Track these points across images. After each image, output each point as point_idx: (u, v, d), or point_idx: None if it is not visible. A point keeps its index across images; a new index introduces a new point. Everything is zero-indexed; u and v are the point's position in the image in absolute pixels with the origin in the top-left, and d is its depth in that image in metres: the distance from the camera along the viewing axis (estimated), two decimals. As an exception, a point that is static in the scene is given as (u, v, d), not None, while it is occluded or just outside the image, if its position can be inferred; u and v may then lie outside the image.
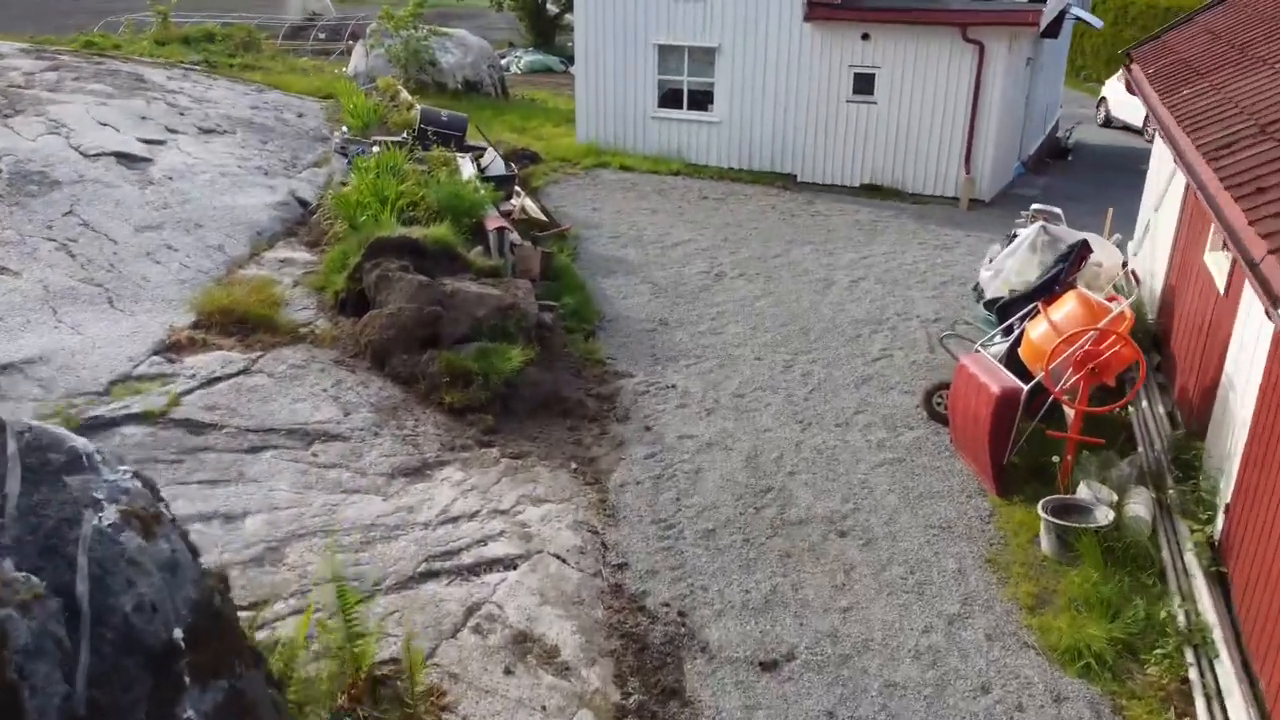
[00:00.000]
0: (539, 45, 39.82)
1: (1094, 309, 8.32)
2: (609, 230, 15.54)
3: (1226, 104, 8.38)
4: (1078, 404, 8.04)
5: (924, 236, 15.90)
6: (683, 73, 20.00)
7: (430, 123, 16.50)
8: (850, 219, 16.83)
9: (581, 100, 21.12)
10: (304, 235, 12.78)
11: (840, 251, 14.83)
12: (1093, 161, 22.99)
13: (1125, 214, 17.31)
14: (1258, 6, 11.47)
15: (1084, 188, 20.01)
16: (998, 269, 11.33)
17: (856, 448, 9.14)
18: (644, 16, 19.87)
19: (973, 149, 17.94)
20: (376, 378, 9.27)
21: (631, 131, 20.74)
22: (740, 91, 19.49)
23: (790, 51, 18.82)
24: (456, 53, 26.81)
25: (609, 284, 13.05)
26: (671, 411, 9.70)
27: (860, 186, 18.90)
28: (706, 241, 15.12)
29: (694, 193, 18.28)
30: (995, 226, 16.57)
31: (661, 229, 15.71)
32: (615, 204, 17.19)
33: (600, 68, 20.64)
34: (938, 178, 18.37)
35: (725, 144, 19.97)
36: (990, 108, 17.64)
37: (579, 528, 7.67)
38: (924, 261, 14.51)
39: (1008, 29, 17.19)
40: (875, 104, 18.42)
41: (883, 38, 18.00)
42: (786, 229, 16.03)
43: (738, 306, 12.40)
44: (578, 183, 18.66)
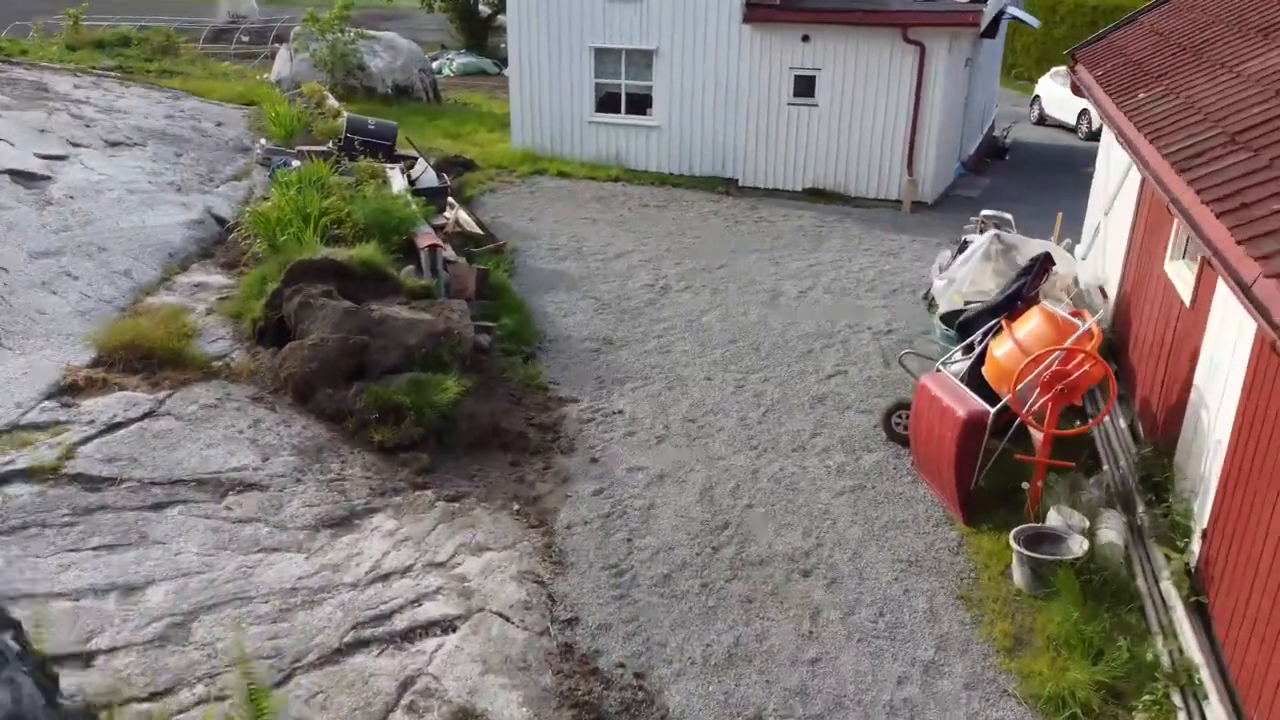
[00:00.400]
0: (471, 47, 38.90)
1: (1060, 326, 7.90)
2: (548, 242, 14.86)
3: (1188, 109, 8.02)
4: (1046, 426, 7.61)
5: (869, 242, 15.50)
6: (620, 76, 19.38)
7: (357, 132, 15.65)
8: (795, 225, 16.37)
9: (516, 105, 20.39)
10: (221, 256, 11.90)
11: (787, 260, 14.35)
12: (1030, 160, 22.92)
13: (1068, 215, 17.16)
14: (1203, 7, 11.22)
15: (1024, 188, 19.85)
16: (951, 278, 10.93)
17: (815, 475, 8.61)
18: (579, 19, 19.20)
19: (915, 151, 17.62)
20: (299, 415, 8.50)
21: (569, 137, 20.07)
22: (679, 95, 18.93)
23: (730, 54, 18.32)
24: (386, 56, 25.87)
25: (549, 301, 12.37)
26: (619, 440, 9.08)
27: (803, 191, 18.47)
28: (650, 252, 14.53)
29: (635, 200, 17.68)
30: (940, 230, 16.26)
31: (603, 239, 15.08)
32: (554, 213, 16.51)
33: (535, 72, 19.92)
34: (880, 181, 18.03)
35: (665, 149, 19.40)
36: (932, 109, 17.33)
37: (523, 579, 7.01)
38: (871, 269, 14.09)
39: (948, 29, 16.88)
40: (816, 106, 18.00)
41: (823, 39, 17.59)
42: (731, 237, 15.51)
43: (685, 322, 11.83)
44: (514, 191, 17.93)
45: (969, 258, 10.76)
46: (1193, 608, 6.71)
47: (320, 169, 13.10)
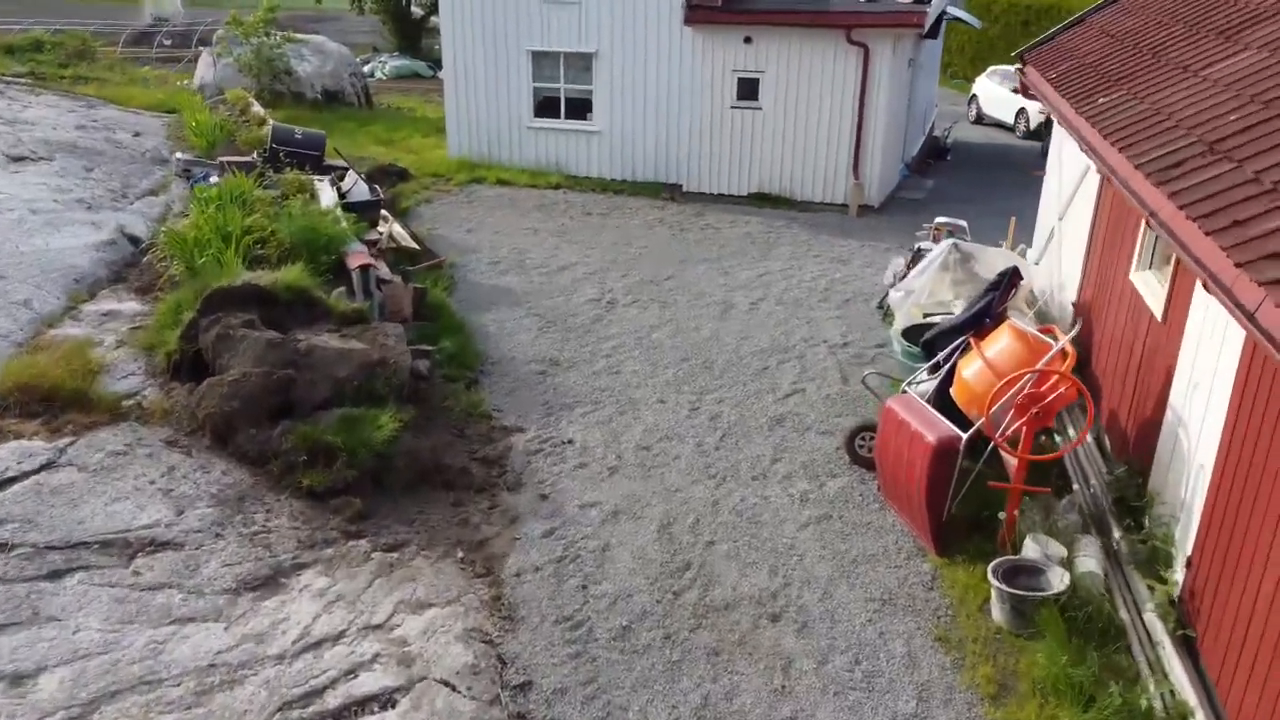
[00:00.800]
0: (405, 50, 37.85)
1: (1031, 345, 7.48)
2: (488, 255, 14.17)
3: (1157, 115, 7.65)
4: (1021, 452, 7.19)
5: (818, 249, 15.08)
6: (559, 80, 18.73)
7: (283, 142, 14.77)
8: (742, 231, 15.89)
9: (452, 111, 19.61)
10: (134, 280, 11.00)
11: (736, 269, 13.85)
12: (971, 160, 22.78)
13: (1008, 213, 16.89)
14: (1154, 8, 10.96)
15: (969, 188, 19.65)
16: (908, 289, 10.52)
17: (778, 505, 8.10)
18: (515, 21, 18.50)
19: (860, 154, 17.26)
20: (218, 460, 7.73)
21: (507, 143, 19.35)
22: (620, 99, 18.34)
23: (671, 56, 17.78)
24: (314, 60, 24.86)
25: (491, 320, 11.70)
26: (570, 473, 8.47)
27: (749, 196, 18.02)
28: (595, 263, 13.92)
29: (577, 208, 17.05)
30: (888, 234, 15.91)
31: (545, 251, 14.42)
32: (494, 224, 15.81)
33: (470, 76, 19.17)
34: (826, 184, 17.65)
35: (607, 154, 18.79)
36: (877, 112, 16.98)
37: (470, 639, 6.37)
38: (823, 277, 13.65)
39: (892, 30, 16.54)
40: (760, 109, 17.55)
41: (765, 41, 17.14)
42: (678, 246, 14.97)
43: (634, 339, 11.25)
44: (452, 201, 17.18)
45: (926, 268, 10.35)
46: (1180, 642, 6.33)
47: (243, 183, 12.25)
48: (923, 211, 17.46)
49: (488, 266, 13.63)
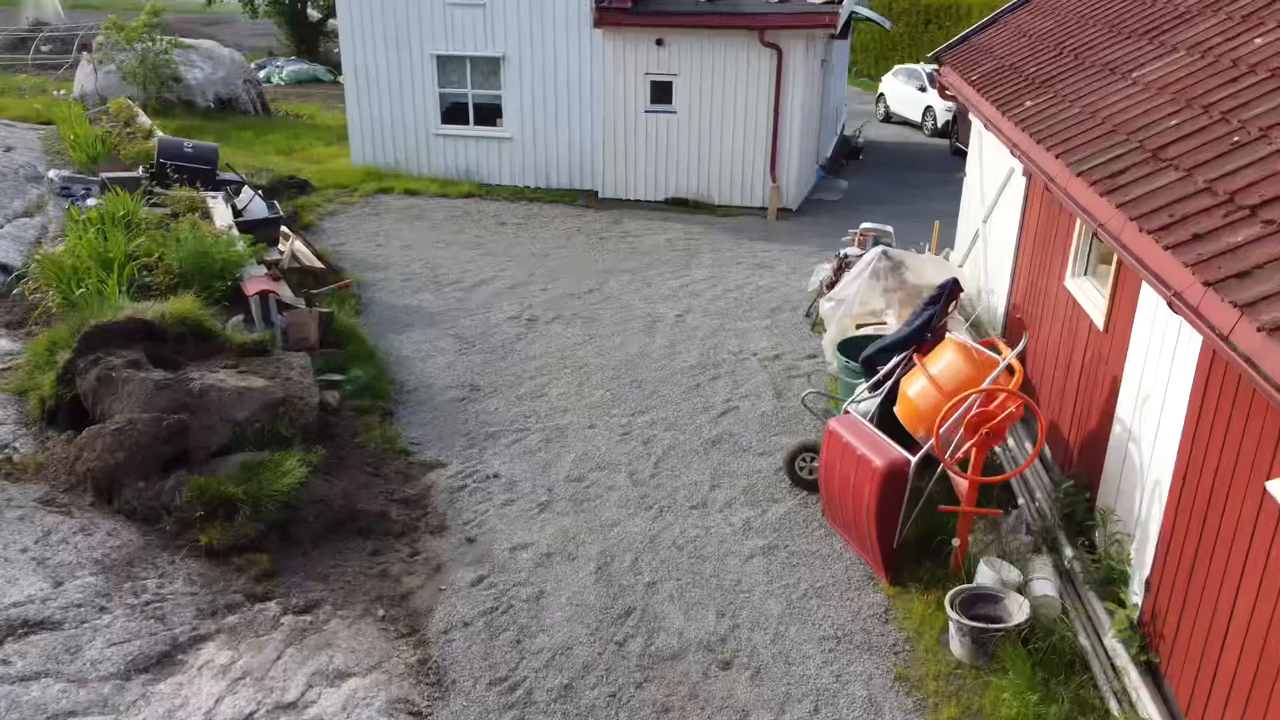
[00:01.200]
0: (302, 54, 36.40)
1: (977, 361, 7.18)
2: (399, 271, 13.40)
3: (1091, 120, 7.43)
4: (971, 473, 6.87)
5: (740, 255, 14.73)
6: (466, 85, 18.00)
7: (171, 156, 13.74)
8: (662, 239, 15.44)
9: (354, 119, 18.68)
10: (4, 314, 9.97)
11: (659, 279, 13.38)
12: (882, 159, 22.80)
13: (928, 215, 16.89)
14: (1069, 9, 10.87)
15: (882, 188, 19.59)
16: (839, 299, 10.18)
17: (721, 536, 7.64)
18: (418, 24, 17.69)
19: (777, 157, 16.99)
20: (103, 519, 6.90)
21: (414, 151, 18.53)
22: (531, 104, 17.71)
23: (582, 60, 17.22)
24: (205, 66, 23.56)
25: (405, 342, 10.98)
26: (497, 511, 7.87)
27: (667, 201, 17.59)
28: (512, 277, 13.28)
29: (490, 218, 16.36)
30: (809, 237, 15.67)
31: (460, 265, 13.73)
32: (403, 237, 15.02)
33: (373, 82, 18.28)
34: (744, 188, 17.33)
35: (519, 161, 18.14)
36: (792, 113, 16.73)
37: (395, 712, 5.73)
38: (747, 285, 13.28)
39: (805, 31, 16.29)
40: (675, 113, 17.13)
41: (678, 43, 16.72)
42: (598, 255, 14.43)
43: (558, 359, 10.67)
44: (358, 213, 16.31)
45: (856, 276, 10.03)
46: (1144, 669, 6.08)
47: (126, 202, 11.27)
48: (840, 213, 17.31)
49: (399, 284, 12.87)
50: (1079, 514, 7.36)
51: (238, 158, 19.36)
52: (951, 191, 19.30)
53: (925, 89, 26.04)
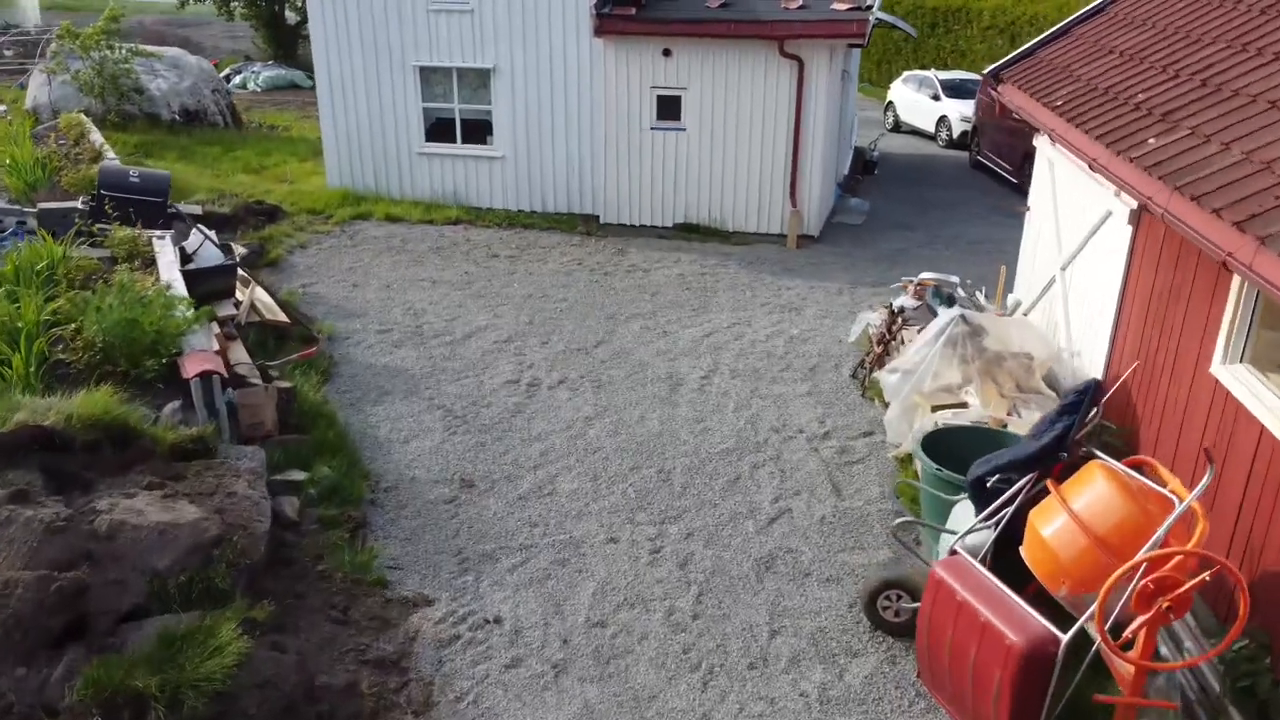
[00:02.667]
0: (280, 58, 34.26)
1: (1138, 498, 5.34)
2: (377, 319, 11.48)
3: (1261, 170, 5.61)
4: (1139, 655, 5.05)
5: (763, 294, 12.87)
6: (453, 100, 16.05)
7: (114, 186, 11.73)
8: (673, 273, 13.56)
9: (330, 136, 16.70)
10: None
11: (675, 327, 11.51)
12: (897, 174, 20.98)
13: (959, 242, 15.08)
14: (1168, 21, 9.04)
15: (905, 208, 17.77)
16: (905, 370, 8.34)
17: (790, 713, 5.79)
18: (399, 32, 15.73)
19: (798, 179, 15.13)
20: (-38, 731, 4.98)
21: (395, 172, 16.57)
22: (525, 120, 15.78)
23: (581, 71, 15.31)
24: (170, 76, 21.48)
25: (383, 418, 9.07)
26: (499, 678, 5.99)
27: (675, 227, 15.71)
28: (508, 326, 11.38)
29: (481, 249, 14.44)
30: (835, 270, 13.83)
31: (447, 310, 11.81)
32: (383, 274, 13.08)
33: (349, 96, 16.31)
34: (761, 213, 15.47)
35: (512, 183, 16.21)
36: (814, 131, 14.87)
37: None
38: (777, 334, 11.43)
39: (829, 41, 14.43)
40: (684, 131, 15.25)
41: (687, 54, 14.83)
42: (603, 296, 12.53)
43: (566, 439, 8.79)
44: (332, 244, 14.34)
45: (928, 343, 8.20)
46: None
47: (49, 250, 9.31)
48: (865, 239, 15.48)
49: (376, 337, 10.94)
50: (1262, 689, 5.55)
51: (201, 179, 17.38)
52: (980, 213, 17.50)
53: (939, 97, 24.25)
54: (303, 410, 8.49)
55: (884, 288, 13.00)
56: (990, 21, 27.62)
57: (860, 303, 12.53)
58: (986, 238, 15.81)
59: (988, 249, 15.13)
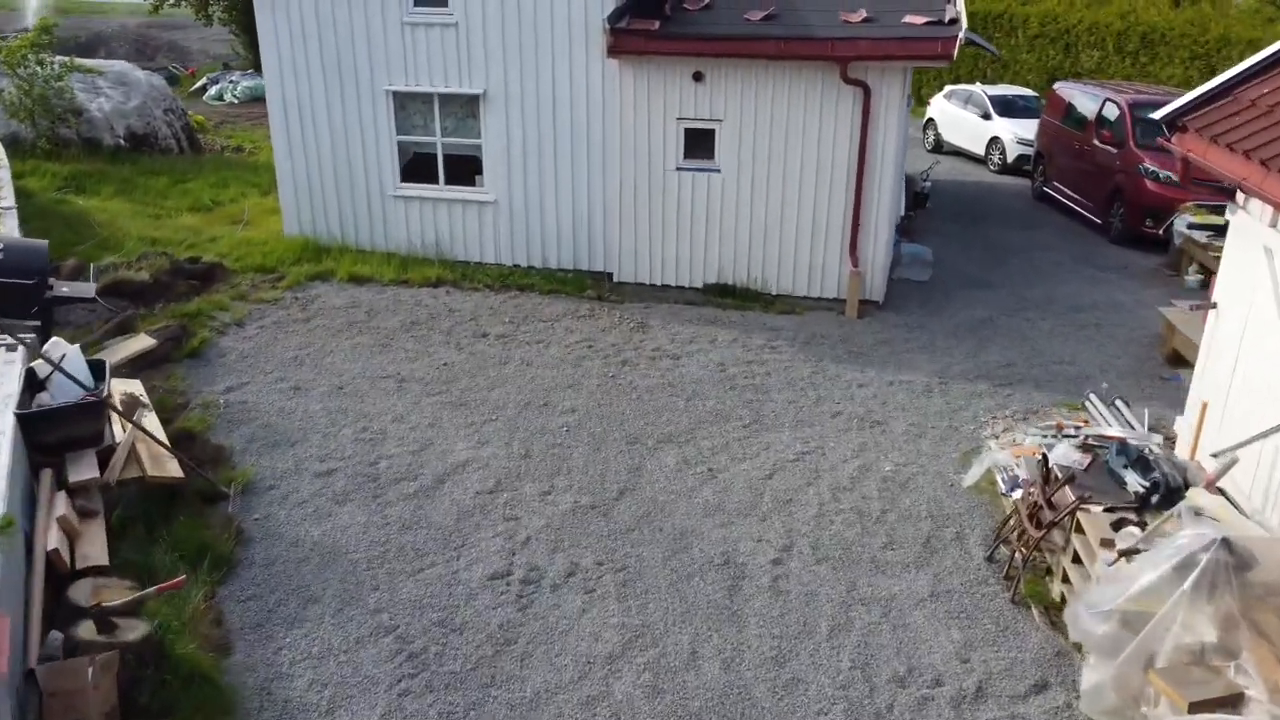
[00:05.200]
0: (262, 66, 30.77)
1: None
2: (318, 449, 8.22)
3: None
4: None
5: (830, 393, 9.63)
6: (434, 131, 12.77)
7: (-34, 266, 8.45)
8: (711, 361, 10.32)
9: (286, 176, 13.42)
10: None
11: (723, 459, 8.26)
12: (951, 207, 17.69)
13: (1056, 307, 11.82)
14: None
15: (974, 257, 14.50)
16: (1120, 613, 5.08)
17: None
18: (367, 50, 12.45)
19: (860, 232, 11.87)
20: None
21: (365, 218, 13.30)
22: (522, 157, 12.52)
23: (591, 98, 12.04)
24: (115, 95, 18.16)
25: (299, 658, 5.82)
26: None
27: (705, 289, 12.46)
28: (496, 460, 8.13)
29: (466, 323, 11.18)
30: (913, 355, 10.59)
31: (416, 431, 8.56)
32: (337, 366, 9.83)
33: (309, 127, 13.03)
34: (813, 274, 12.21)
35: (506, 233, 12.94)
36: (881, 174, 11.62)
37: None
38: (863, 471, 8.18)
39: (903, 63, 11.15)
40: (718, 172, 11.99)
41: (723, 78, 11.56)
42: (622, 402, 9.28)
43: (582, 703, 5.54)
44: (278, 319, 11.08)
45: (1166, 579, 4.95)
46: None
47: None
48: (937, 303, 12.23)
49: (313, 485, 7.68)
50: None
51: (134, 223, 14.10)
52: (1066, 262, 13.91)
53: (990, 116, 20.95)
54: (173, 670, 5.23)
55: (984, 383, 9.77)
56: (1039, 30, 24.30)
57: (958, 410, 9.30)
58: (1087, 300, 12.58)
59: (1095, 319, 11.91)
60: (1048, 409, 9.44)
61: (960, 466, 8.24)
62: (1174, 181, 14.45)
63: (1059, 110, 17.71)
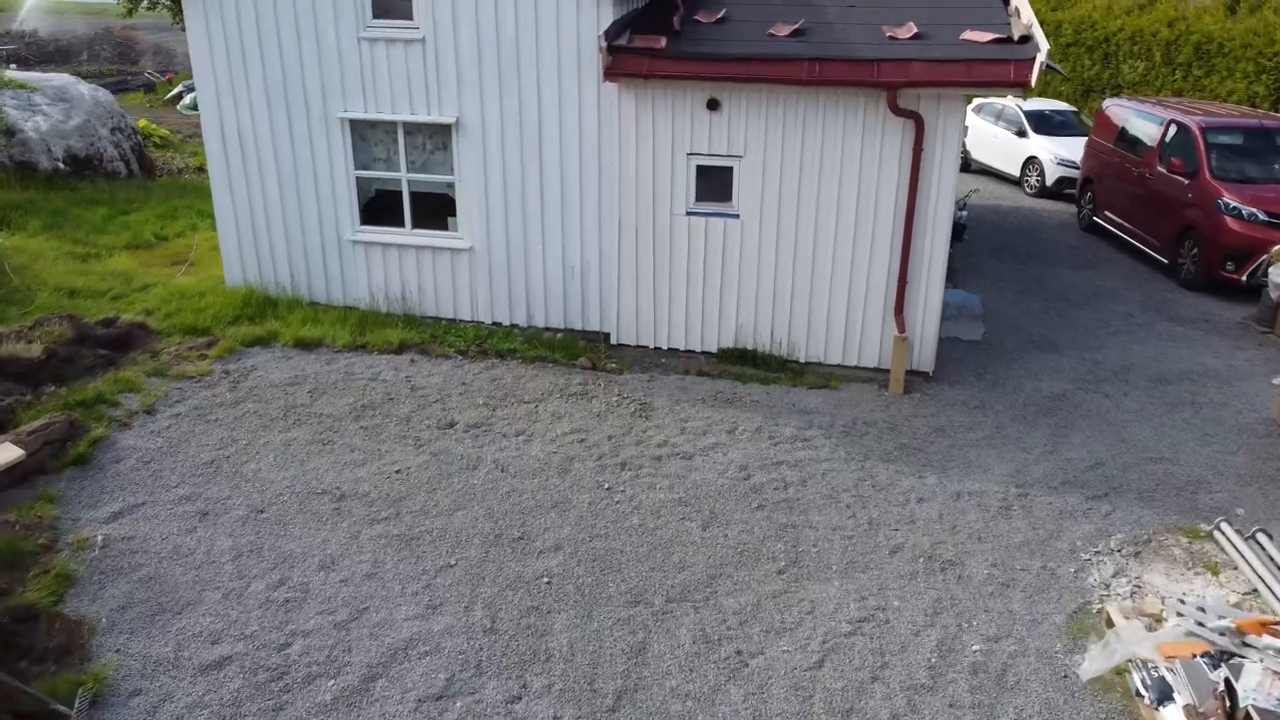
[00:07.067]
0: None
1: None
2: (211, 620, 6.04)
3: None
4: None
5: (887, 514, 7.46)
6: (398, 166, 10.58)
7: None
8: (731, 462, 8.14)
9: (227, 217, 11.24)
10: None
11: (757, 636, 6.08)
12: (991, 239, 15.54)
13: (1137, 372, 9.38)
14: None
15: (1030, 307, 12.33)
16: None
17: None
18: (319, 71, 10.27)
19: (907, 291, 9.71)
20: None
21: (319, 266, 11.12)
22: (503, 197, 10.34)
23: (584, 128, 9.86)
24: (53, 113, 15.98)
25: None
26: None
27: (721, 354, 10.30)
28: (450, 642, 5.96)
29: (431, 407, 9.01)
30: (980, 452, 8.41)
31: (347, 592, 6.38)
32: (262, 478, 7.65)
33: (251, 161, 10.85)
34: (849, 338, 10.04)
35: (484, 286, 10.76)
36: (934, 222, 9.45)
37: None
38: (945, 655, 6.02)
39: (969, 90, 8.96)
40: (736, 217, 9.81)
41: (743, 106, 9.38)
42: (619, 534, 7.11)
43: None
44: (200, 403, 8.90)
45: None
46: None
47: None
48: (995, 369, 10.06)
49: (194, 687, 5.49)
50: None
51: (56, 268, 11.95)
52: (1140, 315, 11.43)
53: (1025, 133, 18.76)
54: None
55: (1073, 494, 7.60)
56: (1074, 38, 22.06)
57: (1048, 540, 7.14)
58: (1174, 367, 10.44)
59: (1189, 393, 9.79)
60: (1163, 537, 7.28)
61: (1070, 639, 6.07)
62: (1259, 219, 12.32)
63: (1110, 131, 15.52)
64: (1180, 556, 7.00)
